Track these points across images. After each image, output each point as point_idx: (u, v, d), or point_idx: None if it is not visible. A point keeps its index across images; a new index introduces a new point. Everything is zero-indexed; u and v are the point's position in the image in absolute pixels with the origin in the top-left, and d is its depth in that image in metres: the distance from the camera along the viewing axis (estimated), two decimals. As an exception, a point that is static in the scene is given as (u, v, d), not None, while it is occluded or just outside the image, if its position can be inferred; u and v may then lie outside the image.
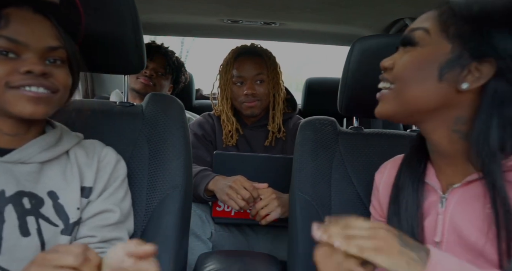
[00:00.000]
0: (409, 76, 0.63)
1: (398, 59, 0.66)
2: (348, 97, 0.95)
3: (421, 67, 0.63)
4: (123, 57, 0.93)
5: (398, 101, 0.65)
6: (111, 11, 0.89)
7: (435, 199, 0.69)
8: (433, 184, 0.70)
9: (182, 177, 0.92)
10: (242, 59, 1.41)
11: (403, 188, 0.72)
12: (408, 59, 0.64)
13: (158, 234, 0.88)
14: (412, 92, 0.63)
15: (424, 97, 0.63)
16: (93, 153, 0.81)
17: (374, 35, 0.95)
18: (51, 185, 0.74)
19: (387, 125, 2.03)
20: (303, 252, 0.89)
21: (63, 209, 0.73)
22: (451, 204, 0.67)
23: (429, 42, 0.63)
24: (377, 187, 0.83)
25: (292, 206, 0.94)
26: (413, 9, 1.43)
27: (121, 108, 0.98)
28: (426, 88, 0.62)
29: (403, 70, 0.64)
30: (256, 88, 1.38)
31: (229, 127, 1.40)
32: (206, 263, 0.95)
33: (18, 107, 0.68)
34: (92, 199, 0.78)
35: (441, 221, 0.67)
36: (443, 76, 0.61)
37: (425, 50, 0.63)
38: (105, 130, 0.93)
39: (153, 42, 1.80)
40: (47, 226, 0.71)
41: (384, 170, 0.82)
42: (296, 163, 0.96)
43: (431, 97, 0.62)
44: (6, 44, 0.67)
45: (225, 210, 1.25)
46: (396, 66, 0.65)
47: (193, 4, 1.57)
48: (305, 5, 1.50)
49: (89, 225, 0.77)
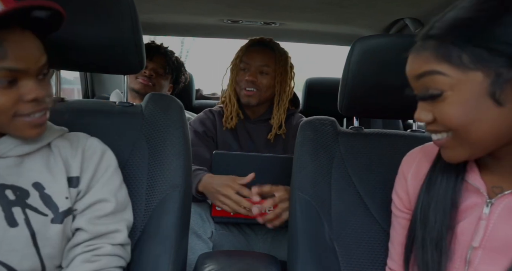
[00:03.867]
0: (465, 122, 0.57)
1: (436, 111, 0.59)
2: (348, 97, 0.95)
3: (471, 108, 0.56)
4: (122, 57, 0.93)
5: (467, 145, 0.59)
6: (111, 11, 0.89)
7: (478, 202, 0.65)
8: (477, 185, 0.65)
9: (182, 176, 0.91)
10: (253, 48, 1.47)
11: (436, 183, 0.68)
12: (450, 109, 0.57)
13: (158, 233, 0.88)
14: (479, 132, 0.57)
15: (494, 130, 0.57)
16: (77, 144, 0.81)
17: (374, 35, 0.94)
18: (35, 176, 0.74)
19: (387, 125, 2.03)
20: (303, 252, 0.89)
21: (50, 199, 0.74)
22: (497, 210, 0.63)
23: (456, 82, 0.56)
24: (404, 177, 0.77)
25: (292, 206, 0.94)
26: (413, 9, 1.43)
27: (121, 108, 0.98)
28: (491, 122, 0.56)
29: (454, 120, 0.58)
30: (258, 77, 1.42)
31: (230, 109, 1.44)
32: (206, 263, 0.95)
33: (25, 132, 0.72)
34: (82, 189, 0.78)
35: (483, 226, 0.64)
36: (499, 99, 0.55)
37: (459, 92, 0.56)
38: (104, 130, 0.93)
39: (152, 42, 1.80)
40: (36, 215, 0.71)
41: (412, 160, 0.77)
42: (296, 162, 0.95)
43: (501, 125, 0.56)
44: (8, 74, 0.66)
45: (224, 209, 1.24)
46: (441, 118, 0.59)
47: (193, 4, 1.57)
48: (305, 5, 1.50)
49: (86, 216, 0.77)
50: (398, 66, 0.91)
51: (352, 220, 0.91)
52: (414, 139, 0.98)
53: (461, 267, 0.66)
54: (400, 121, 2.07)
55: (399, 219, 0.79)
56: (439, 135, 0.61)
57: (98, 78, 2.17)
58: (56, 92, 1.01)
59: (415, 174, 0.76)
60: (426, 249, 0.67)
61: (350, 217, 0.91)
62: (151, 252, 0.87)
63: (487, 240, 0.64)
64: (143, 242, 0.88)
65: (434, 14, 0.62)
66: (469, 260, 0.66)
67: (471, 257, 0.65)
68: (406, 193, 0.77)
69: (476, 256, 0.65)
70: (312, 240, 0.90)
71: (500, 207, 0.63)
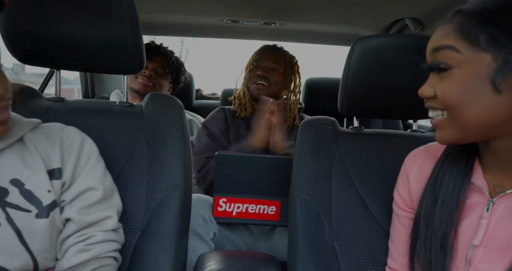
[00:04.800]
0: (461, 101, 0.58)
1: (438, 86, 0.60)
2: (348, 97, 0.95)
3: (470, 88, 0.57)
4: (122, 57, 0.93)
5: (458, 127, 0.60)
6: (111, 11, 0.89)
7: (480, 201, 0.66)
8: (480, 185, 0.66)
9: (182, 176, 0.91)
10: (264, 50, 1.63)
11: (443, 182, 0.68)
12: (451, 86, 0.59)
13: (158, 233, 0.88)
14: (471, 115, 0.58)
15: (486, 116, 0.57)
16: (53, 135, 0.79)
17: (374, 35, 0.94)
18: (12, 173, 0.73)
19: (387, 125, 2.03)
20: (303, 252, 0.89)
21: (32, 194, 0.72)
22: (499, 209, 0.64)
23: (465, 60, 0.57)
24: (406, 176, 0.77)
25: (292, 206, 0.94)
26: (413, 9, 1.43)
27: (121, 108, 0.98)
28: (485, 106, 0.57)
29: (451, 98, 0.59)
30: (269, 73, 1.57)
31: (244, 100, 1.60)
32: (206, 263, 0.95)
33: None
34: (67, 179, 0.77)
35: (485, 225, 0.64)
36: (499, 87, 0.55)
37: (464, 71, 0.57)
38: (104, 130, 0.93)
39: (152, 42, 1.80)
40: (18, 213, 0.70)
41: (415, 159, 0.77)
42: (296, 163, 0.95)
43: (495, 112, 0.57)
44: None
45: (226, 210, 1.25)
46: (440, 94, 0.60)
47: (193, 4, 1.57)
48: (305, 5, 1.50)
49: (75, 206, 0.76)
50: (398, 66, 0.92)
51: (352, 220, 0.91)
52: (414, 139, 0.98)
53: (462, 265, 0.67)
54: (400, 121, 2.08)
55: (401, 218, 0.79)
56: (435, 112, 0.62)
57: (98, 78, 2.17)
58: (56, 92, 1.01)
59: (418, 173, 0.75)
60: (430, 247, 0.67)
61: (350, 217, 0.91)
62: (151, 252, 0.86)
63: (488, 238, 0.64)
64: (143, 242, 0.87)
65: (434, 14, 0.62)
66: (469, 259, 0.66)
67: (472, 255, 0.66)
68: (408, 192, 0.77)
69: (476, 255, 0.65)
70: (312, 240, 0.90)
71: (501, 206, 0.64)
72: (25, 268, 0.70)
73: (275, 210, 1.24)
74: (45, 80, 2.05)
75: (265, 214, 1.24)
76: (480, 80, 0.56)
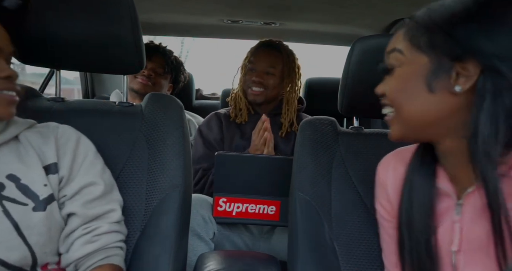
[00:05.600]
0: (400, 98, 0.63)
1: (386, 85, 0.66)
2: (348, 97, 0.95)
3: (408, 86, 0.62)
4: (122, 58, 0.93)
5: (401, 122, 0.65)
6: (110, 11, 0.89)
7: (450, 205, 0.66)
8: (446, 189, 0.67)
9: (182, 176, 0.91)
10: (261, 50, 1.55)
11: (414, 188, 0.69)
12: (393, 83, 0.65)
13: (158, 233, 0.88)
14: (408, 111, 0.63)
15: (421, 112, 0.62)
16: (48, 132, 0.81)
17: (374, 35, 0.94)
18: (7, 169, 0.75)
19: (387, 125, 2.03)
20: (303, 252, 0.89)
21: (28, 188, 0.74)
22: (467, 210, 0.64)
23: (405, 61, 0.63)
24: (383, 185, 0.78)
25: (292, 206, 0.93)
26: (413, 9, 1.43)
27: (121, 108, 0.98)
28: (420, 104, 0.61)
29: (393, 94, 0.65)
30: (265, 77, 1.51)
31: (240, 106, 1.54)
32: (206, 263, 0.95)
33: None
34: (64, 174, 0.78)
35: (458, 229, 0.65)
36: (432, 86, 0.60)
37: (404, 69, 0.63)
38: (104, 130, 0.93)
39: (151, 42, 1.80)
40: (14, 206, 0.72)
41: (387, 167, 0.79)
42: (296, 163, 0.95)
43: (429, 110, 0.61)
44: None
45: (226, 210, 1.25)
46: (387, 91, 0.66)
47: (193, 4, 1.57)
48: (305, 5, 1.50)
49: (78, 201, 0.78)
50: (398, 66, 0.92)
51: (352, 220, 0.91)
52: (414, 139, 0.98)
53: None
54: (400, 121, 2.07)
55: (388, 229, 0.78)
56: (386, 109, 0.68)
57: (98, 78, 2.17)
58: (56, 92, 1.01)
59: (393, 180, 0.76)
60: (418, 257, 0.67)
61: (350, 217, 0.91)
62: (151, 252, 0.86)
63: (465, 242, 0.64)
64: (143, 242, 0.87)
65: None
66: (454, 265, 0.65)
67: (456, 261, 0.65)
68: (388, 201, 0.77)
69: (460, 260, 0.65)
70: (312, 240, 0.90)
71: (469, 207, 0.64)
72: (24, 261, 0.71)
73: (275, 210, 1.24)
74: (45, 80, 2.05)
75: (265, 214, 1.24)
76: (416, 80, 0.61)
